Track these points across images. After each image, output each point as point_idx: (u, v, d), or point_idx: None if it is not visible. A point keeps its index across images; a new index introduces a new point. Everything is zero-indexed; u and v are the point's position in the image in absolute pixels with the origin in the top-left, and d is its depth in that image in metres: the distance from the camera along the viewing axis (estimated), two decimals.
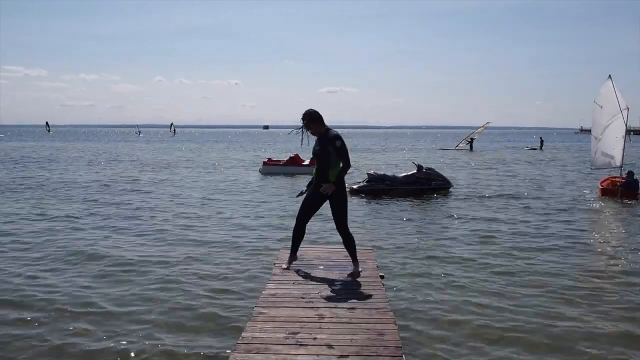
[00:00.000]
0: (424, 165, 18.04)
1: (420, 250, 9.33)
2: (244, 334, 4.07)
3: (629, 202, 15.25)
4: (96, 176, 22.83)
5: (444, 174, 18.36)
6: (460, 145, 50.56)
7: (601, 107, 17.67)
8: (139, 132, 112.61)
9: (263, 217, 12.89)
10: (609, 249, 9.79)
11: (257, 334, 4.05)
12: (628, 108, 17.00)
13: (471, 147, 49.39)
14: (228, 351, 4.78)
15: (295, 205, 14.10)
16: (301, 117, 5.71)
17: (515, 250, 9.44)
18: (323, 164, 5.57)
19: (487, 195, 16.96)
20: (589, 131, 20.13)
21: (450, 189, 17.41)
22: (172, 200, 15.65)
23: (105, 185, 19.41)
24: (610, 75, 17.58)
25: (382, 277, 5.87)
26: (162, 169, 27.49)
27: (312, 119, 5.64)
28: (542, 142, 53.60)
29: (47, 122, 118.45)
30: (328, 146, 5.51)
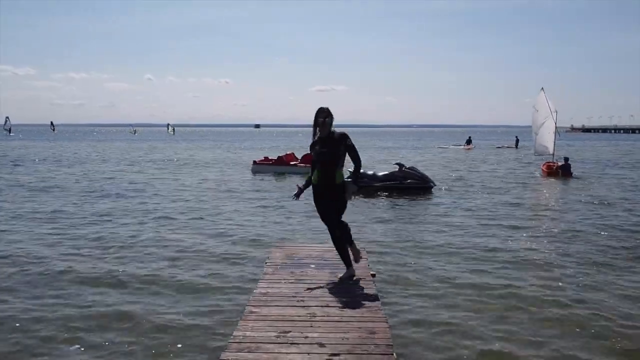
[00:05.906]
0: (409, 164, 18.55)
1: (410, 249, 9.33)
2: (235, 333, 4.07)
3: (566, 179, 21.19)
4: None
5: (428, 173, 18.59)
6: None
7: (537, 110, 24.52)
8: (134, 131, 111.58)
9: (254, 215, 12.86)
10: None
11: (248, 333, 4.05)
12: (556, 111, 23.72)
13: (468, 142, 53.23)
14: (220, 350, 4.76)
15: (286, 203, 14.24)
16: (317, 112, 5.42)
17: (497, 243, 9.62)
18: (332, 165, 5.45)
19: (464, 190, 17.33)
20: (580, 129, 26.66)
21: (433, 188, 17.52)
22: (163, 198, 15.61)
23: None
24: (542, 88, 24.60)
25: (373, 275, 5.89)
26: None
27: (331, 115, 5.45)
28: (517, 141, 53.64)
29: (51, 122, 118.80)
30: (339, 146, 5.45)
